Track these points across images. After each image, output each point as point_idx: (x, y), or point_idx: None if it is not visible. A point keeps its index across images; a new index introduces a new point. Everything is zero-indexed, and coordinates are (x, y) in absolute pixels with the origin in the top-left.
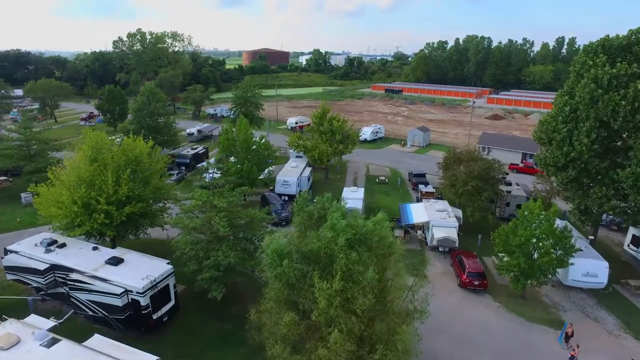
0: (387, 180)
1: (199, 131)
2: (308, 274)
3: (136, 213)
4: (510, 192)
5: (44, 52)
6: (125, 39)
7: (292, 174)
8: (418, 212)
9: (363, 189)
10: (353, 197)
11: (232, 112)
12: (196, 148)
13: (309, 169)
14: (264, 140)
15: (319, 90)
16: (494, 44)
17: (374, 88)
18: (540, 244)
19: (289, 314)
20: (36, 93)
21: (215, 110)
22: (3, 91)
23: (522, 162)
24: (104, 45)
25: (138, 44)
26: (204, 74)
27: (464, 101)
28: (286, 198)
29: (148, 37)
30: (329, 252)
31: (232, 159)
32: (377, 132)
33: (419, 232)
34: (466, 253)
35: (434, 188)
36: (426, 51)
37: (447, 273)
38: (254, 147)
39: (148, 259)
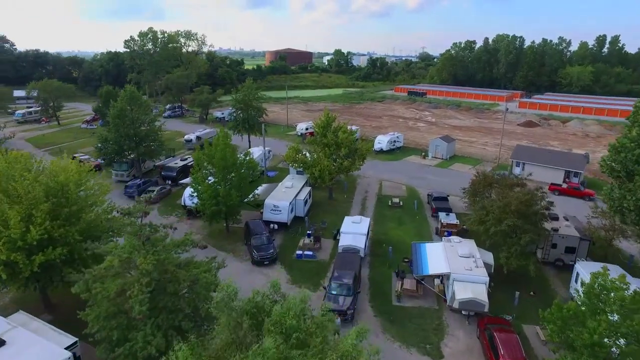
0: (401, 204)
1: (198, 138)
2: None
3: (56, 260)
4: (557, 229)
5: (66, 52)
6: (136, 38)
7: (284, 196)
8: (435, 257)
9: (369, 220)
10: (355, 230)
11: (233, 117)
12: (186, 159)
13: (307, 189)
14: (248, 157)
15: (339, 91)
16: (527, 43)
17: (396, 90)
18: (628, 348)
19: None
20: (38, 94)
21: (222, 113)
22: None
23: (564, 182)
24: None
25: (150, 44)
26: (220, 74)
27: (492, 105)
28: (276, 227)
29: (160, 36)
30: None
31: (209, 179)
32: (394, 142)
33: (437, 281)
34: (499, 325)
35: (457, 219)
36: (453, 51)
37: (471, 350)
38: (237, 163)
39: (45, 339)
